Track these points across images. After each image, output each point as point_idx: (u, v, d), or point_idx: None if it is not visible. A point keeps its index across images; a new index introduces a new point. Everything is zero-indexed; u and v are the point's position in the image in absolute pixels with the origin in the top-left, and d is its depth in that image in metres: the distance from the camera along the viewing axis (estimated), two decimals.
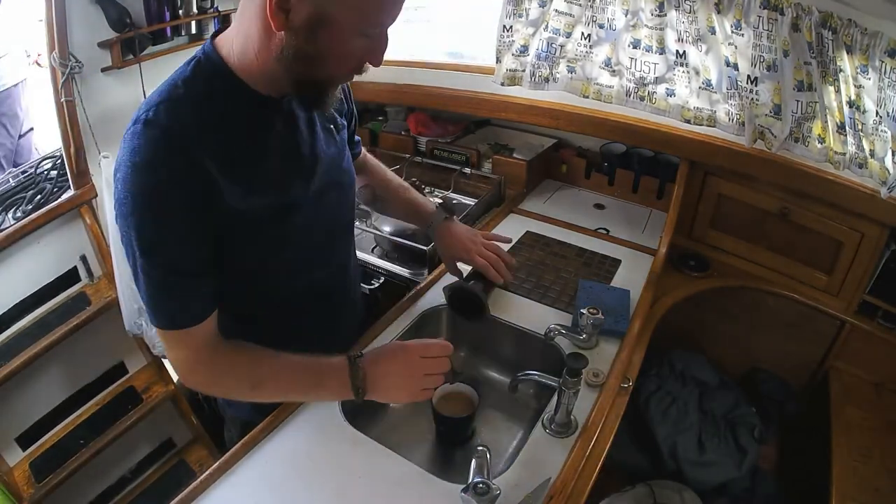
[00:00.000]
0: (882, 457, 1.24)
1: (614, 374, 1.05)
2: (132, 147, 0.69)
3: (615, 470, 1.42)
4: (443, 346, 0.87)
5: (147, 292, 0.75)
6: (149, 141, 0.69)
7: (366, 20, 0.69)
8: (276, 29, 0.67)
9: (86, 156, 1.46)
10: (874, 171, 1.18)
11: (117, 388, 1.65)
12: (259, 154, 0.79)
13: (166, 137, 0.69)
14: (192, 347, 0.80)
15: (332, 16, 0.66)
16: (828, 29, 1.09)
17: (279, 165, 0.81)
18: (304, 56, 0.69)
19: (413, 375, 0.84)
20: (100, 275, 1.62)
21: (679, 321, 1.39)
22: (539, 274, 1.34)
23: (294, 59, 0.70)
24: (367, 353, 0.86)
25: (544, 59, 1.52)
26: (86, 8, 1.38)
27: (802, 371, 1.58)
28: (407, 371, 0.84)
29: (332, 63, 0.71)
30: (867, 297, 1.38)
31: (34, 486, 1.42)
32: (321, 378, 0.84)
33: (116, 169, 0.71)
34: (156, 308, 0.76)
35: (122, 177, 0.70)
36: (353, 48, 0.71)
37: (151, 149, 0.69)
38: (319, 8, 0.65)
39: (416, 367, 0.84)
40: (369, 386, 0.83)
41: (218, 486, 0.85)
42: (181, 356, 0.81)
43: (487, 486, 0.75)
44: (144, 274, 0.74)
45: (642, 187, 1.70)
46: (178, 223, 0.72)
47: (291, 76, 0.72)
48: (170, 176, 0.70)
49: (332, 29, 0.67)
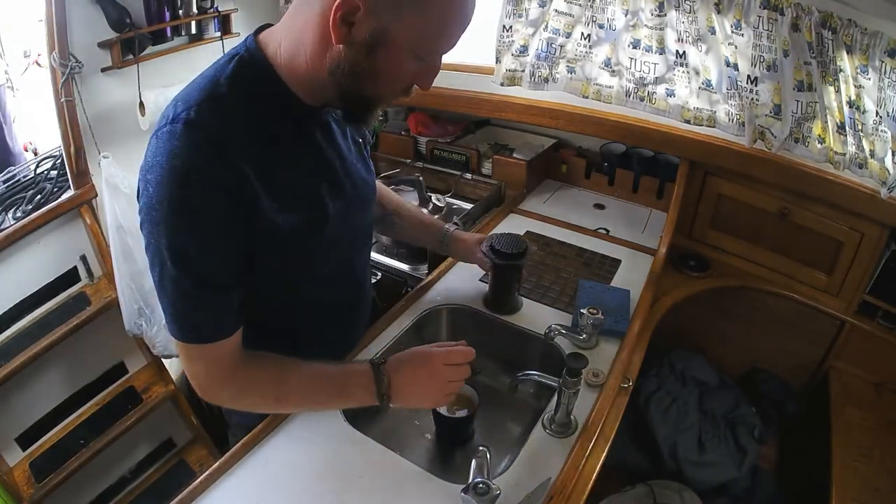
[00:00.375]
0: (882, 457, 1.24)
1: (614, 374, 1.05)
2: (171, 149, 0.65)
3: (615, 470, 1.42)
4: (465, 353, 0.86)
5: (173, 303, 0.72)
6: (190, 144, 0.65)
7: (424, 44, 0.68)
8: (336, 41, 0.65)
9: (86, 156, 1.46)
10: (874, 172, 1.18)
11: (117, 388, 1.64)
12: (298, 166, 0.77)
13: (209, 141, 0.66)
14: (215, 362, 0.77)
15: (392, 35, 0.65)
16: (828, 29, 1.09)
17: (315, 179, 0.80)
18: (359, 72, 0.68)
19: (436, 383, 0.84)
20: (100, 275, 1.62)
21: (679, 321, 1.39)
22: (539, 274, 1.34)
23: (348, 73, 0.68)
24: (390, 360, 0.85)
25: (544, 60, 1.52)
26: (86, 8, 1.38)
27: (802, 371, 1.58)
28: (431, 379, 0.84)
29: (383, 82, 0.70)
30: (867, 297, 1.38)
31: (34, 486, 1.42)
32: (345, 387, 0.83)
33: (148, 170, 0.67)
34: (182, 320, 0.73)
35: (155, 179, 0.66)
36: (407, 70, 0.70)
37: (192, 153, 0.65)
38: (382, 26, 0.64)
39: (440, 375, 0.84)
40: (394, 393, 0.83)
41: (218, 486, 0.85)
42: (202, 371, 0.77)
43: (487, 486, 0.75)
44: (173, 284, 0.70)
45: (642, 187, 1.70)
46: (216, 233, 0.69)
47: (341, 89, 0.70)
48: (211, 183, 0.66)
49: (391, 48, 0.66)
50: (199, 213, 0.67)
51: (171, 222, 0.67)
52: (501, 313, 1.20)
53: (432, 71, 0.74)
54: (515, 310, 1.21)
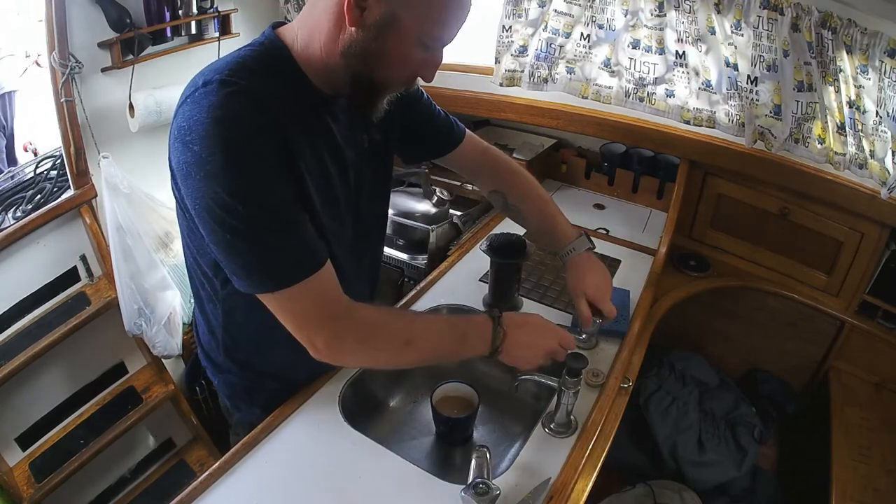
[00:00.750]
0: (882, 457, 1.24)
1: (614, 374, 1.05)
2: (210, 103, 0.66)
3: (615, 470, 1.42)
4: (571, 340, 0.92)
5: (253, 253, 0.70)
6: (229, 96, 0.67)
7: (429, 31, 0.72)
8: (350, 24, 0.70)
9: (86, 156, 1.46)
10: (874, 172, 1.18)
11: (117, 388, 1.64)
12: (314, 146, 0.79)
13: (248, 94, 0.68)
14: (325, 296, 0.75)
15: (401, 20, 0.69)
16: (828, 29, 1.09)
17: (326, 163, 0.81)
18: (369, 53, 0.72)
19: (543, 352, 0.89)
20: (100, 275, 1.61)
21: (679, 321, 1.40)
22: (539, 274, 1.34)
23: (359, 54, 0.72)
24: (506, 317, 0.88)
25: (543, 60, 1.51)
26: (86, 8, 1.38)
27: (802, 371, 1.58)
28: (541, 347, 0.89)
29: (391, 65, 0.74)
30: (867, 297, 1.39)
31: (34, 487, 1.42)
32: (466, 335, 0.86)
33: (187, 131, 0.67)
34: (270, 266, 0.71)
35: (199, 136, 0.66)
36: (412, 56, 0.74)
37: (234, 103, 0.67)
38: (392, 11, 0.69)
39: (550, 346, 0.89)
40: (505, 348, 0.86)
41: (218, 486, 0.85)
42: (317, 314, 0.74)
43: (487, 486, 0.75)
44: (248, 232, 0.69)
45: (642, 187, 1.70)
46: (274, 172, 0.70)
47: (352, 71, 0.74)
48: (259, 128, 0.68)
49: (399, 33, 0.70)
50: (254, 154, 0.68)
51: (230, 170, 0.67)
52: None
53: (434, 63, 0.77)
54: (515, 309, 1.22)
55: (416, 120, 1.02)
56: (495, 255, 1.11)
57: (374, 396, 1.13)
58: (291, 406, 0.97)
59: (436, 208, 1.58)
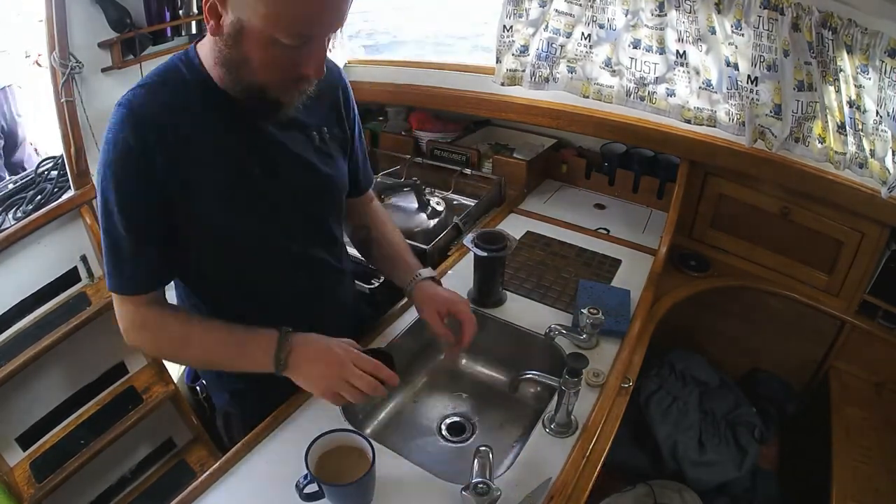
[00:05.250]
0: (882, 457, 1.24)
1: (614, 374, 1.05)
2: (110, 124, 0.77)
3: (615, 470, 1.42)
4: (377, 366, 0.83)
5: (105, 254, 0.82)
6: (121, 119, 0.76)
7: (276, 27, 0.70)
8: (211, 34, 0.74)
9: (86, 156, 1.46)
10: (874, 171, 1.18)
11: (117, 389, 1.64)
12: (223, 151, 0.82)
13: (137, 117, 0.76)
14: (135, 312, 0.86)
15: (246, 24, 0.70)
16: (828, 29, 1.09)
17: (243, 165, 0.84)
18: (231, 61, 0.75)
19: (333, 375, 0.82)
20: (100, 275, 1.61)
21: (679, 321, 1.40)
22: (539, 274, 1.34)
23: (227, 64, 0.76)
24: (304, 334, 0.86)
25: (544, 59, 1.52)
26: (86, 8, 1.38)
27: (802, 371, 1.58)
28: (330, 368, 0.82)
29: (257, 69, 0.74)
30: (867, 297, 1.38)
31: (34, 487, 1.42)
32: (245, 344, 0.85)
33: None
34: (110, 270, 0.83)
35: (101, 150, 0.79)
36: (273, 56, 0.73)
37: (120, 126, 0.76)
38: (237, 16, 0.70)
39: (342, 371, 0.82)
40: (292, 363, 0.83)
41: (218, 486, 0.85)
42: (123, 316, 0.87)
43: (488, 486, 0.75)
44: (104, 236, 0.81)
45: (642, 187, 1.70)
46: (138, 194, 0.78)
47: (228, 78, 0.78)
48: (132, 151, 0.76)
49: (250, 37, 0.71)
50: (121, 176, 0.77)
51: (104, 184, 0.78)
52: (486, 307, 1.22)
53: (312, 56, 0.74)
54: (500, 303, 1.24)
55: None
56: (478, 248, 1.13)
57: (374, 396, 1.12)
58: (292, 406, 0.97)
59: (431, 220, 1.58)
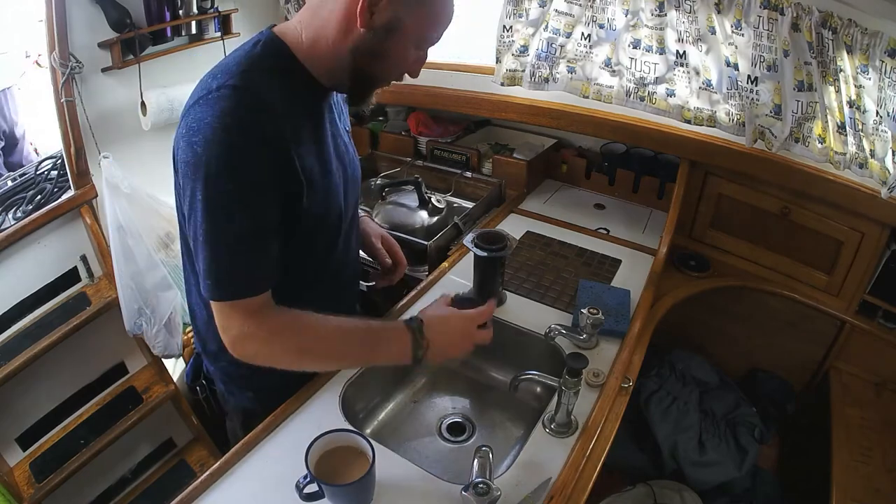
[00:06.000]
0: (882, 457, 1.24)
1: (614, 374, 1.05)
2: (221, 109, 0.72)
3: (615, 470, 1.42)
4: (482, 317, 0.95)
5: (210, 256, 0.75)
6: (239, 103, 0.73)
7: (424, 34, 0.82)
8: (360, 25, 0.77)
9: (86, 156, 1.46)
10: (874, 171, 1.18)
11: (117, 389, 1.64)
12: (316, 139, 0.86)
13: (256, 101, 0.74)
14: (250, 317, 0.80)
15: (404, 24, 0.78)
16: (828, 29, 1.09)
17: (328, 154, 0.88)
18: (374, 52, 0.80)
19: (466, 345, 0.93)
20: (100, 275, 1.61)
21: (679, 321, 1.40)
22: (539, 274, 1.34)
23: (366, 52, 0.80)
24: (426, 321, 0.91)
25: (544, 60, 1.52)
26: (86, 8, 1.38)
27: (802, 371, 1.58)
28: (463, 340, 0.93)
29: (389, 63, 0.83)
30: (867, 297, 1.38)
31: (34, 487, 1.42)
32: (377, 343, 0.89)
33: (195, 132, 0.72)
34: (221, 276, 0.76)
35: (205, 139, 0.71)
36: (409, 55, 0.83)
37: (242, 109, 0.73)
38: (397, 15, 0.77)
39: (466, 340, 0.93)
40: (430, 353, 0.90)
41: (218, 486, 0.85)
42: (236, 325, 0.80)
43: (488, 485, 0.75)
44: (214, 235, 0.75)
45: (642, 187, 1.70)
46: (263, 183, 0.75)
47: (355, 66, 0.81)
48: (263, 139, 0.74)
49: (401, 35, 0.79)
50: (248, 164, 0.74)
51: (225, 175, 0.72)
52: None
53: (421, 62, 0.87)
54: (500, 303, 1.23)
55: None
56: (478, 248, 1.14)
57: (374, 396, 1.13)
58: (292, 406, 0.97)
59: (432, 217, 1.58)
